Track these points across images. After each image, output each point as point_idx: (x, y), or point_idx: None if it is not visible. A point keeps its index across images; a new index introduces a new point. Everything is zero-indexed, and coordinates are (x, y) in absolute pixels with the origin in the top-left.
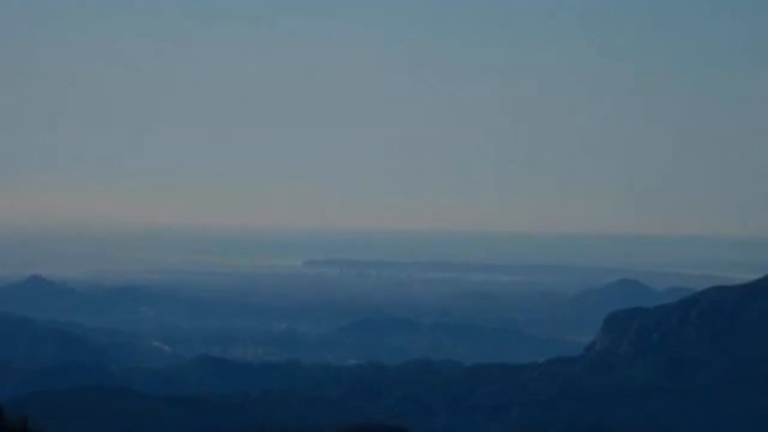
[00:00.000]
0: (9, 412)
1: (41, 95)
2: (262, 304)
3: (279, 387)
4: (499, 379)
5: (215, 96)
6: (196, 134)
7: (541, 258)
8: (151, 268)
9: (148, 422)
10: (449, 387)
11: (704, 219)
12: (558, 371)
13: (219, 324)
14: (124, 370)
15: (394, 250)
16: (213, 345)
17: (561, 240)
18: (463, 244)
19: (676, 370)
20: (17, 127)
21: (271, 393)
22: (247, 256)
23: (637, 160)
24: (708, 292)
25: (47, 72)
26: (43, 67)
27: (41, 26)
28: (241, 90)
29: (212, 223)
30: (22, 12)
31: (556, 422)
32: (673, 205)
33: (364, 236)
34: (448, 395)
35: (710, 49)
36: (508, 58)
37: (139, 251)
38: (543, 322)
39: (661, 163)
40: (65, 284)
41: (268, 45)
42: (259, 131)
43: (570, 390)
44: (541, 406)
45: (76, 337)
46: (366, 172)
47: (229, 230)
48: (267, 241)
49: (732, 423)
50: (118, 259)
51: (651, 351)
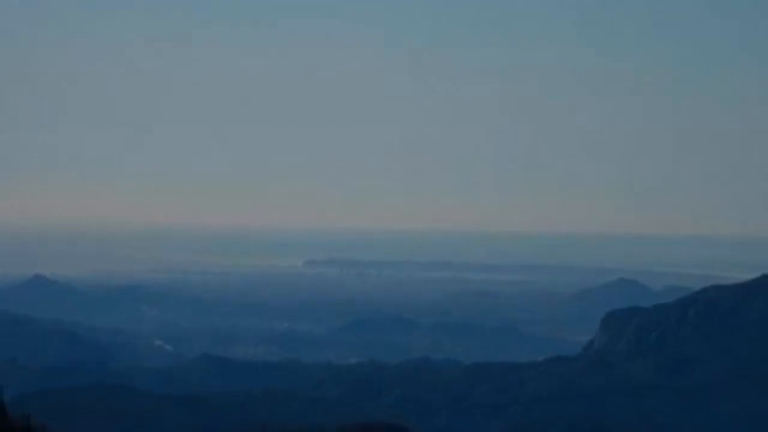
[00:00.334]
0: (12, 410)
1: (44, 96)
2: (263, 304)
3: (280, 386)
4: (498, 378)
5: (216, 96)
6: (197, 135)
7: (540, 258)
8: (153, 267)
9: (149, 420)
10: (449, 386)
11: (702, 219)
12: (557, 370)
13: (220, 323)
14: (126, 369)
15: (393, 250)
16: (214, 344)
17: (560, 240)
18: (462, 243)
19: (673, 368)
20: (19, 127)
21: (272, 392)
22: (247, 255)
23: (635, 160)
24: (705, 292)
25: (49, 73)
26: (45, 68)
27: (42, 27)
28: (241, 90)
29: (213, 223)
30: (22, 12)
31: (555, 421)
32: (671, 205)
33: (364, 236)
34: (447, 394)
35: (709, 49)
36: (507, 58)
37: (140, 251)
38: (542, 321)
39: (659, 164)
40: (68, 284)
41: (268, 45)
42: (260, 132)
43: (569, 388)
44: (540, 405)
45: (79, 336)
46: (366, 172)
47: (230, 230)
48: (268, 241)
49: (729, 421)
50: (120, 259)
51: (649, 350)
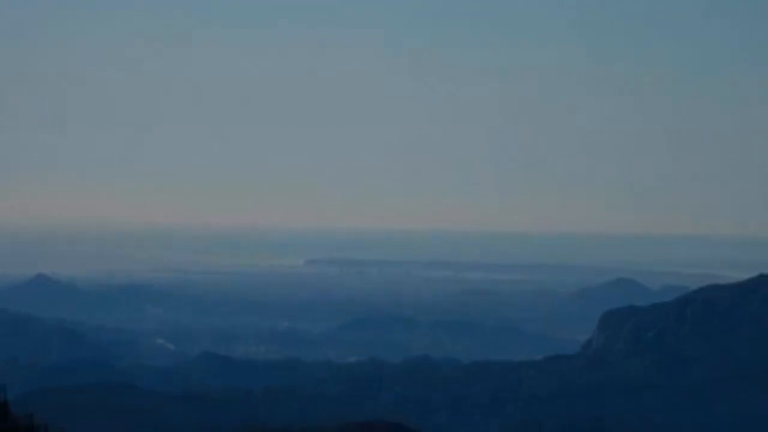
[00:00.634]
0: (15, 409)
1: (46, 97)
2: (264, 303)
3: (281, 384)
4: (497, 376)
5: (217, 97)
6: (198, 135)
7: (539, 257)
8: (156, 267)
9: (152, 418)
10: (448, 384)
11: (699, 219)
12: (555, 368)
13: (222, 322)
14: (128, 368)
15: (393, 250)
16: (216, 343)
17: (558, 239)
18: (461, 243)
19: (671, 367)
20: (22, 129)
21: (273, 390)
22: (249, 255)
23: (634, 161)
24: (703, 291)
25: (50, 74)
26: (46, 69)
27: (42, 27)
28: (242, 90)
29: (214, 223)
30: (22, 13)
31: (553, 418)
32: (669, 205)
33: (365, 236)
34: (447, 392)
35: (707, 50)
36: (507, 58)
37: (142, 251)
38: (540, 320)
39: (657, 165)
40: (70, 283)
41: (268, 45)
42: (261, 132)
43: (567, 387)
44: (539, 403)
45: (82, 335)
46: (366, 172)
47: (231, 230)
48: (269, 241)
49: (727, 420)
50: (121, 259)
51: (647, 348)
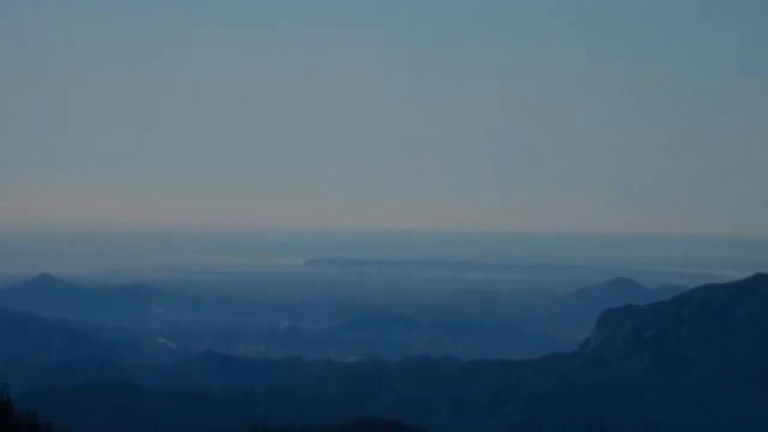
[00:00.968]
0: (19, 407)
1: (48, 98)
2: (265, 303)
3: (281, 383)
4: (496, 375)
5: (217, 97)
6: (199, 135)
7: (538, 257)
8: (158, 267)
9: (153, 417)
10: (448, 383)
11: (697, 219)
12: (554, 367)
13: (223, 321)
14: (130, 367)
15: (393, 250)
16: (217, 342)
17: (558, 239)
18: (461, 243)
19: (669, 366)
20: (24, 129)
21: (273, 389)
22: (249, 255)
23: (632, 161)
24: (700, 291)
25: (51, 74)
26: (47, 69)
27: (43, 28)
28: (242, 90)
29: (215, 224)
30: (23, 13)
31: (552, 417)
32: (667, 205)
33: (365, 236)
34: (447, 391)
35: (705, 50)
36: (507, 58)
37: (144, 251)
38: (540, 319)
39: (655, 165)
40: (73, 283)
41: (268, 46)
42: (261, 132)
43: (565, 385)
44: (538, 401)
45: (84, 334)
46: (366, 172)
47: (232, 230)
48: (269, 241)
49: (725, 418)
50: (123, 259)
51: (645, 347)
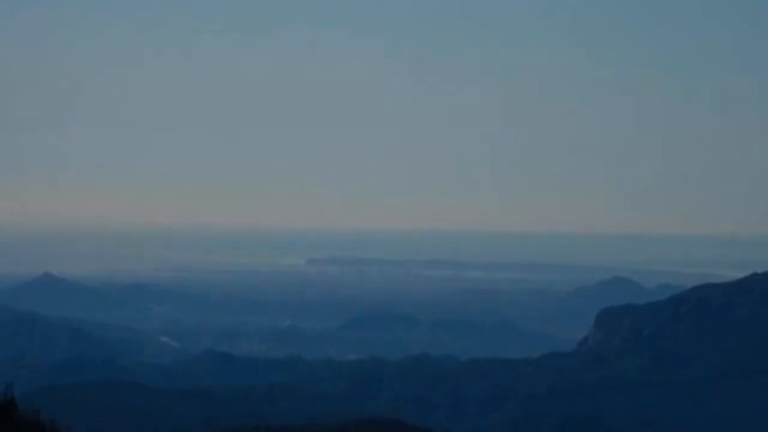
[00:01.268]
0: (22, 405)
1: (50, 98)
2: (266, 302)
3: (282, 381)
4: (495, 374)
5: (218, 97)
6: (201, 136)
7: (537, 256)
8: (160, 266)
9: (156, 415)
10: (448, 381)
11: (695, 219)
12: (552, 366)
13: (225, 320)
14: (132, 365)
15: (393, 249)
16: (218, 341)
17: (556, 239)
18: (460, 242)
19: (666, 365)
20: (26, 129)
21: (274, 387)
22: (251, 254)
23: (631, 161)
24: (698, 290)
25: (52, 75)
26: (48, 70)
27: (43, 29)
28: (243, 91)
29: (217, 223)
30: (23, 14)
31: (551, 415)
32: (664, 205)
33: (365, 235)
34: (446, 389)
35: (703, 50)
36: (507, 59)
37: (146, 250)
38: (538, 318)
39: (653, 165)
40: (76, 282)
41: (268, 46)
42: (262, 132)
43: (564, 384)
44: (536, 400)
45: (87, 333)
46: (366, 172)
47: (234, 230)
48: (270, 241)
49: (721, 417)
50: (126, 258)
51: (642, 346)
